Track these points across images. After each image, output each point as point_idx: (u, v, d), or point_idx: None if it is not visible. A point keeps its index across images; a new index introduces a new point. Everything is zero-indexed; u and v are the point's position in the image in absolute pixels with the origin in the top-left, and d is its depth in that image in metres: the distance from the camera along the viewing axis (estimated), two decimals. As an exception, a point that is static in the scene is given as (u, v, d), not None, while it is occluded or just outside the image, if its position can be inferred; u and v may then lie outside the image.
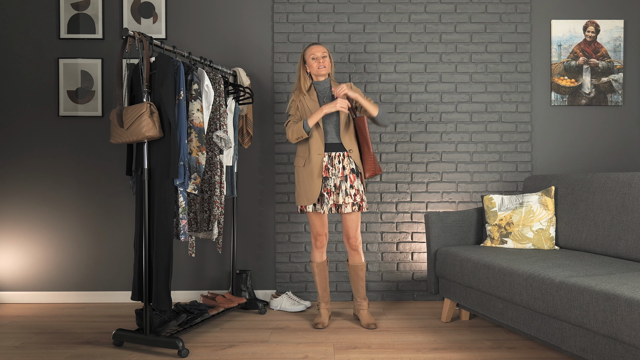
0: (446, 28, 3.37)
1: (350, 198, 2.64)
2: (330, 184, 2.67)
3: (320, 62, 2.70)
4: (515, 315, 2.20)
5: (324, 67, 2.69)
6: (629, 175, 2.42)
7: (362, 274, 2.78)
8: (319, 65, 2.69)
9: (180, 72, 2.43)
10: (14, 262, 3.35)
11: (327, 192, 2.66)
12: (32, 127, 3.36)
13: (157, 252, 2.35)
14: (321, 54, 2.70)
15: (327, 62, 2.71)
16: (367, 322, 2.75)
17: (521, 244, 2.70)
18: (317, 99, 2.74)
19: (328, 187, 2.66)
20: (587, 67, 3.39)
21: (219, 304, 2.94)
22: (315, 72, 2.71)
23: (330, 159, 2.68)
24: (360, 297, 2.82)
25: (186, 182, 2.43)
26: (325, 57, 2.70)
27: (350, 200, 2.64)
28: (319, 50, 2.71)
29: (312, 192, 2.65)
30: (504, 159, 3.38)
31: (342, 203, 2.65)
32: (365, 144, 2.69)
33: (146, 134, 2.27)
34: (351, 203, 2.64)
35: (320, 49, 2.71)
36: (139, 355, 2.32)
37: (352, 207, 2.65)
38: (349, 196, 2.64)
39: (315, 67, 2.70)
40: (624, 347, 1.66)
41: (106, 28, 3.36)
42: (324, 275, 2.83)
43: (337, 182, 2.67)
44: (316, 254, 2.80)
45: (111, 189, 3.37)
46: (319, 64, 2.69)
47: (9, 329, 2.75)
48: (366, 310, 2.81)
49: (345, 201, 2.64)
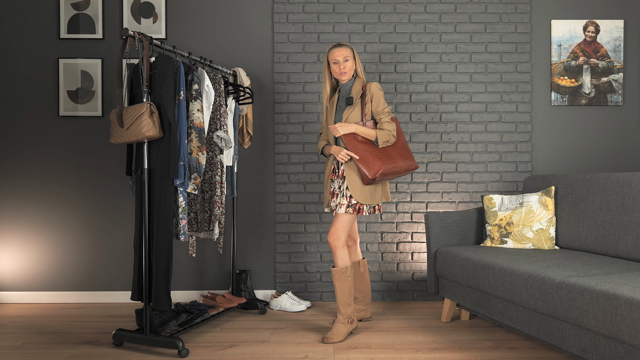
0: (446, 28, 3.37)
1: (345, 199, 2.54)
2: (335, 186, 2.63)
3: (341, 67, 2.59)
4: (515, 315, 2.20)
5: (344, 72, 2.60)
6: (629, 175, 2.42)
7: (338, 277, 2.54)
8: (340, 70, 2.60)
9: (180, 72, 2.43)
10: (14, 262, 3.35)
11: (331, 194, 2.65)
12: (32, 127, 3.36)
13: (157, 252, 2.35)
14: (343, 58, 2.59)
15: (348, 66, 2.59)
16: (328, 335, 2.51)
17: (521, 244, 2.70)
18: (336, 103, 2.68)
19: (332, 189, 2.64)
20: (587, 67, 3.39)
21: (219, 304, 2.94)
22: (336, 76, 2.64)
23: (336, 161, 2.65)
24: (365, 292, 2.81)
25: (186, 182, 2.43)
26: (347, 61, 2.59)
27: (344, 201, 2.54)
28: (340, 54, 2.59)
29: (325, 195, 2.71)
30: (504, 159, 3.38)
31: (338, 204, 2.58)
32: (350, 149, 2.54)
33: (146, 134, 2.27)
34: (345, 204, 2.54)
35: (342, 53, 2.59)
36: (139, 355, 2.32)
37: (345, 207, 2.53)
38: (344, 197, 2.55)
39: (336, 71, 2.62)
40: (624, 347, 1.66)
41: (106, 28, 3.36)
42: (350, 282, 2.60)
43: (340, 184, 2.62)
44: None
45: (111, 189, 3.37)
46: (339, 69, 2.60)
47: (9, 329, 2.75)
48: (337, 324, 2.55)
49: (340, 202, 2.55)
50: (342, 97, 2.68)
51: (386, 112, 2.58)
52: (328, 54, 2.64)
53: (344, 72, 2.60)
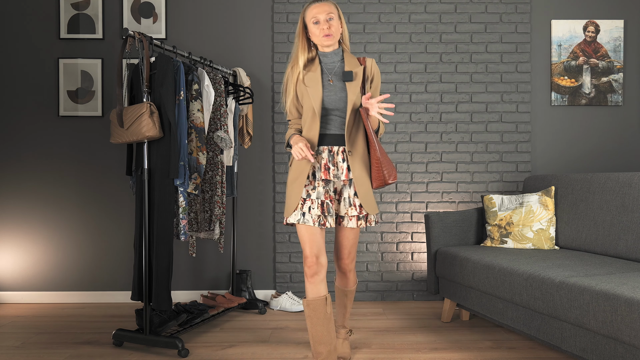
0: (446, 28, 3.37)
1: (354, 209, 1.98)
2: (331, 188, 2.00)
3: (323, 27, 1.90)
4: (515, 315, 2.20)
5: (329, 35, 1.91)
6: (629, 175, 2.42)
7: (352, 297, 2.22)
8: (323, 32, 1.91)
9: (180, 72, 2.43)
10: (14, 262, 3.35)
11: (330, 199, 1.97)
12: (32, 127, 3.36)
13: (157, 252, 2.35)
14: (325, 16, 1.90)
15: (334, 26, 1.91)
16: (342, 353, 2.22)
17: (521, 244, 2.70)
18: (321, 75, 1.97)
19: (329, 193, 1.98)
20: (587, 67, 3.39)
21: (219, 304, 2.94)
22: (318, 41, 1.95)
23: (331, 155, 1.99)
24: (340, 324, 2.27)
25: (186, 182, 2.43)
26: (331, 20, 1.91)
27: (354, 212, 1.98)
28: (322, 9, 1.91)
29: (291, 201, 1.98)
30: (504, 159, 3.38)
31: (345, 214, 2.00)
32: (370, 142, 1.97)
33: (146, 134, 2.27)
34: (356, 216, 1.99)
35: (324, 9, 1.91)
36: (139, 355, 2.32)
37: (357, 221, 2.00)
38: (353, 207, 1.98)
39: (317, 34, 1.92)
40: (624, 347, 1.66)
41: (106, 28, 3.36)
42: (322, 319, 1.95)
43: (339, 187, 2.02)
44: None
45: (111, 189, 3.37)
46: (321, 30, 1.90)
47: (9, 329, 2.75)
48: (346, 341, 2.27)
49: (349, 213, 1.98)
50: (328, 70, 1.99)
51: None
52: (304, 12, 1.96)
53: (328, 35, 1.90)
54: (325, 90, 1.95)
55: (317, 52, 2.01)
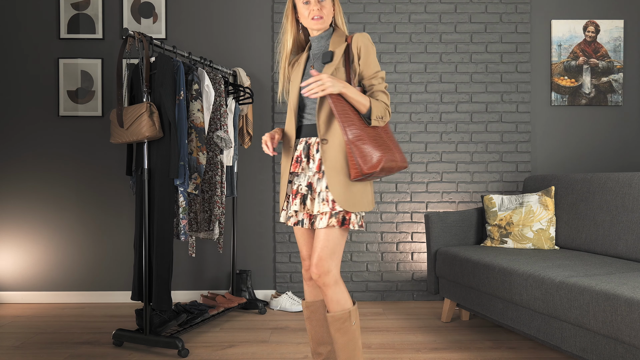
0: (446, 28, 3.37)
1: (326, 204, 1.66)
2: (301, 183, 1.74)
3: (313, 7, 1.68)
4: (515, 315, 2.20)
5: (319, 17, 1.70)
6: (629, 175, 2.42)
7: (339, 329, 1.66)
8: (313, 14, 1.69)
9: (180, 72, 2.43)
10: (14, 262, 3.35)
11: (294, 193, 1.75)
12: (32, 127, 3.36)
13: (157, 252, 2.35)
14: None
15: (326, 8, 1.70)
16: None
17: (521, 244, 2.70)
18: (304, 65, 1.79)
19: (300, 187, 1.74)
20: (587, 67, 3.39)
21: (219, 304, 2.94)
22: (307, 24, 1.73)
23: (307, 147, 1.75)
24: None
25: (186, 182, 2.43)
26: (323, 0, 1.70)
27: (325, 208, 1.66)
28: None
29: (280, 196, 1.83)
30: (504, 159, 3.38)
31: (317, 213, 1.68)
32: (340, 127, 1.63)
33: (146, 134, 2.27)
34: (328, 213, 1.66)
35: None
36: (139, 355, 2.32)
37: (328, 219, 1.65)
38: (325, 202, 1.67)
39: (306, 16, 1.71)
40: (624, 347, 1.66)
41: (106, 28, 3.36)
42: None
43: (313, 181, 1.72)
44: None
45: (111, 189, 3.37)
46: (312, 11, 1.69)
47: (9, 329, 2.75)
48: None
49: (320, 209, 1.67)
50: (314, 56, 1.78)
51: (379, 76, 1.70)
52: None
53: (318, 17, 1.69)
54: (304, 78, 1.78)
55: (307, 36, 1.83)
